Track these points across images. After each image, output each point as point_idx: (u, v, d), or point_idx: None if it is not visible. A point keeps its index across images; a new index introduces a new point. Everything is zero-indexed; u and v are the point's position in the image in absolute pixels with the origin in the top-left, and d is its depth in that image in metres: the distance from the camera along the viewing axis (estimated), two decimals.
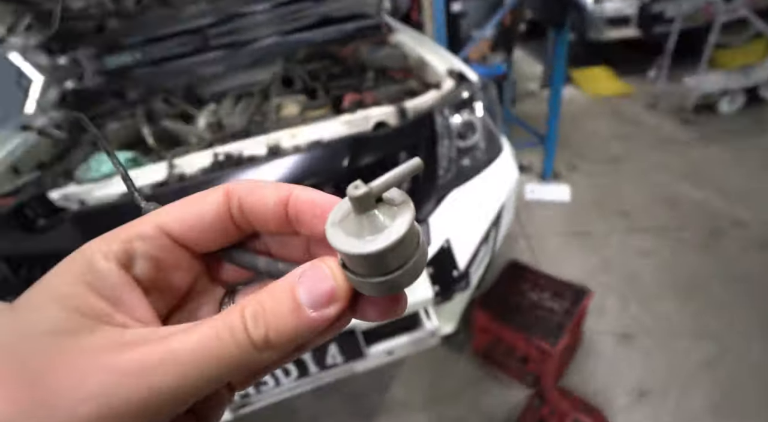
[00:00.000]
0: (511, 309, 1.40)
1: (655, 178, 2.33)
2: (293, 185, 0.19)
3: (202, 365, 0.14)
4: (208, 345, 0.14)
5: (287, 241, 0.21)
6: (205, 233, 0.19)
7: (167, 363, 0.14)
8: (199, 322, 0.15)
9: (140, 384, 0.13)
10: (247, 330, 0.15)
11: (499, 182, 1.13)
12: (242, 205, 0.19)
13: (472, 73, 1.26)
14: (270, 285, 0.16)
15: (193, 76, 1.67)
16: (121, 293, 0.16)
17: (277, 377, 0.87)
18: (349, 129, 1.03)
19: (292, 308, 0.15)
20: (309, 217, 0.18)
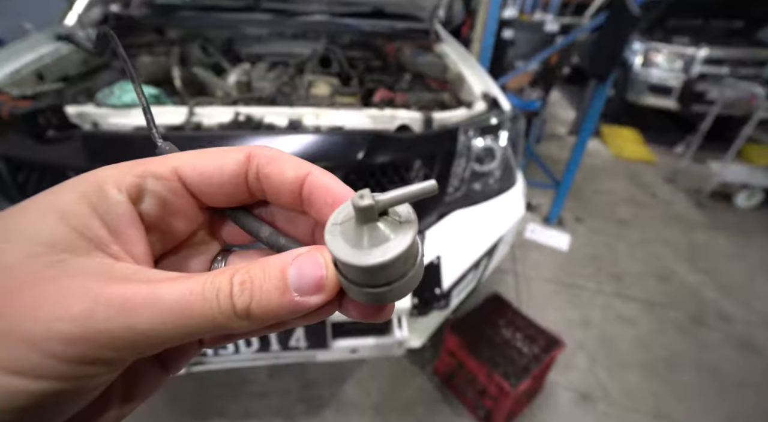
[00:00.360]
0: (481, 341, 1.39)
1: (655, 251, 2.32)
2: (314, 165, 0.19)
3: (182, 317, 0.14)
4: (192, 301, 0.14)
5: (294, 217, 0.21)
6: (218, 188, 0.19)
7: (150, 306, 0.14)
8: (187, 275, 0.15)
9: (120, 320, 0.13)
10: (232, 297, 0.15)
11: (504, 214, 1.13)
12: (260, 171, 0.19)
13: (506, 101, 1.26)
14: (264, 259, 0.16)
15: (236, 33, 1.67)
16: (124, 225, 0.17)
17: (237, 344, 0.86)
18: (373, 124, 1.03)
19: (280, 287, 0.16)
20: (321, 202, 0.18)
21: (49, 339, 0.13)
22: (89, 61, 1.42)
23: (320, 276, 0.16)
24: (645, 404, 1.49)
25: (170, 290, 0.14)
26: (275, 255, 0.17)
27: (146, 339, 0.14)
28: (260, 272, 0.16)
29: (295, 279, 0.16)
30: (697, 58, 3.28)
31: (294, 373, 1.50)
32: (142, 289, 0.14)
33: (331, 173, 0.19)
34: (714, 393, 1.54)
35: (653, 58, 3.42)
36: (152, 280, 0.15)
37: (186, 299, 0.14)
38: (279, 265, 0.16)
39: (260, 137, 0.90)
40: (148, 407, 1.36)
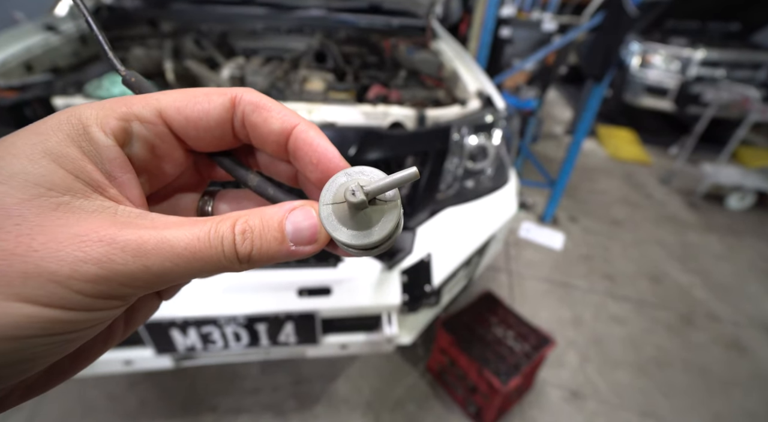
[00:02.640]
0: (473, 338, 1.39)
1: (648, 251, 2.34)
2: (300, 117, 0.19)
3: (191, 260, 0.16)
4: (200, 247, 0.16)
5: (279, 163, 0.22)
6: (204, 134, 0.19)
7: (162, 251, 0.15)
8: (190, 221, 0.17)
9: (137, 262, 0.15)
10: (235, 244, 0.17)
11: (495, 213, 1.13)
12: (246, 119, 0.19)
13: (500, 100, 1.26)
14: (261, 210, 0.18)
15: (231, 27, 1.65)
16: (117, 169, 0.17)
17: (226, 340, 0.86)
18: (366, 120, 1.02)
19: (278, 238, 0.18)
20: (305, 160, 0.19)
21: (76, 278, 0.14)
22: (80, 52, 1.40)
23: (314, 230, 0.18)
24: (634, 402, 1.51)
25: (179, 237, 0.16)
26: (270, 207, 0.18)
27: (159, 278, 0.16)
28: (259, 223, 0.17)
29: (291, 231, 0.18)
30: (694, 60, 3.29)
31: (286, 369, 1.50)
32: (152, 235, 0.15)
33: (316, 126, 0.19)
34: (701, 392, 1.56)
35: (650, 59, 3.43)
36: (158, 226, 0.16)
37: (194, 245, 0.16)
38: (277, 217, 0.18)
39: None
40: (141, 402, 1.36)
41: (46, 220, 0.14)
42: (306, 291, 0.85)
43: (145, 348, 0.87)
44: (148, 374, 1.42)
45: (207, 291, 0.82)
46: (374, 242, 0.17)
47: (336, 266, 0.85)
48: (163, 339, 0.83)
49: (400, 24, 1.77)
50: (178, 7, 1.68)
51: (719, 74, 3.27)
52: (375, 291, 0.87)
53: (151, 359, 0.88)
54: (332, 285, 0.86)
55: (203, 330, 0.83)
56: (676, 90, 3.40)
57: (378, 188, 0.17)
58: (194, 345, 0.86)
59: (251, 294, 0.83)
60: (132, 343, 0.88)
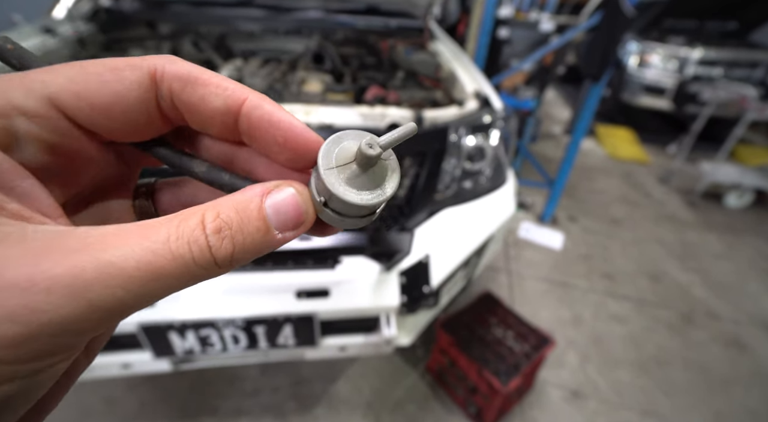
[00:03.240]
0: (473, 339, 1.39)
1: (647, 250, 2.34)
2: (246, 88, 0.16)
3: (149, 281, 0.12)
4: (159, 263, 0.12)
5: (223, 145, 0.18)
6: (120, 122, 0.15)
7: (108, 278, 0.11)
8: (134, 229, 0.13)
9: (74, 303, 0.11)
10: (211, 249, 0.13)
11: (493, 213, 1.13)
12: (176, 100, 0.15)
13: (498, 101, 1.26)
14: (231, 198, 0.15)
15: (229, 28, 1.65)
16: (10, 178, 0.13)
17: (225, 342, 0.85)
18: (363, 121, 1.02)
19: (261, 228, 0.15)
20: (266, 139, 0.16)
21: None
22: (78, 55, 1.40)
23: (300, 212, 0.16)
24: (634, 401, 1.51)
25: (126, 255, 0.12)
26: (238, 194, 0.15)
27: (111, 313, 0.12)
28: (235, 215, 0.14)
29: (275, 217, 0.15)
30: (691, 59, 3.30)
31: (286, 370, 1.50)
32: (88, 260, 0.11)
33: (268, 98, 0.16)
34: (702, 391, 1.56)
35: (648, 58, 3.43)
36: (92, 244, 0.12)
37: (150, 261, 0.12)
38: (253, 203, 0.15)
39: None
40: (140, 405, 1.36)
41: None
42: (304, 293, 0.85)
43: (143, 351, 0.87)
44: (147, 377, 1.42)
45: (205, 294, 0.81)
46: (387, 197, 0.17)
47: (334, 267, 0.85)
48: (161, 342, 0.83)
49: (398, 25, 1.77)
50: (176, 9, 1.68)
51: (717, 73, 3.28)
52: (373, 293, 0.87)
53: (149, 362, 0.87)
54: (331, 287, 0.86)
55: (201, 332, 0.83)
56: (674, 89, 3.41)
57: (390, 141, 0.16)
58: (192, 348, 0.86)
59: (249, 297, 0.83)
60: (130, 347, 0.88)
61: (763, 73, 3.28)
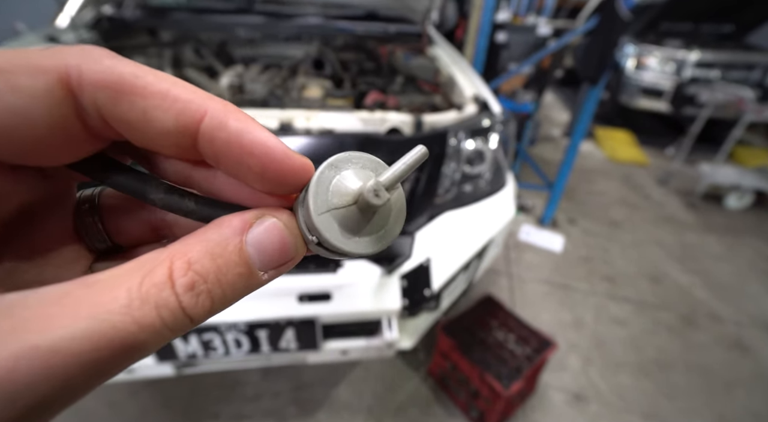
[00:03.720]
0: (474, 342, 1.39)
1: (648, 252, 2.34)
2: (206, 97, 0.12)
3: (112, 357, 0.10)
4: (119, 336, 0.10)
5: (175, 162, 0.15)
6: (29, 144, 0.11)
7: (58, 367, 0.09)
8: (84, 287, 0.10)
9: (18, 404, 0.09)
10: (185, 309, 0.11)
11: (494, 216, 1.13)
12: (106, 115, 0.12)
13: (496, 104, 1.27)
14: (202, 242, 0.12)
15: (229, 35, 1.67)
16: None
17: (227, 346, 0.86)
18: (364, 126, 1.03)
19: (243, 273, 0.12)
20: (239, 166, 0.13)
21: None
22: None
23: (286, 246, 0.13)
24: (637, 404, 1.50)
25: (74, 335, 0.09)
26: (209, 231, 0.13)
27: (70, 397, 0.10)
28: (211, 264, 0.12)
29: (258, 258, 0.13)
30: (689, 62, 3.32)
31: (287, 375, 1.50)
32: (21, 346, 0.09)
33: (237, 109, 0.13)
34: (704, 393, 1.56)
35: (645, 61, 3.46)
36: (28, 321, 0.09)
37: (109, 340, 0.10)
38: (231, 245, 0.12)
39: None
40: (141, 410, 1.35)
41: None
42: (306, 297, 0.85)
43: None
44: (149, 382, 1.41)
45: None
46: (394, 239, 0.14)
47: (336, 271, 0.86)
48: (164, 346, 0.83)
49: (397, 31, 1.79)
50: (177, 17, 1.70)
51: (714, 75, 3.30)
52: (375, 296, 0.88)
53: (153, 366, 0.88)
54: (332, 291, 0.86)
55: (204, 336, 0.84)
56: (671, 91, 3.43)
57: (397, 177, 0.13)
58: (195, 352, 0.86)
59: (252, 301, 0.83)
60: None
61: (760, 75, 3.30)
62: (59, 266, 0.15)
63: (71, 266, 0.16)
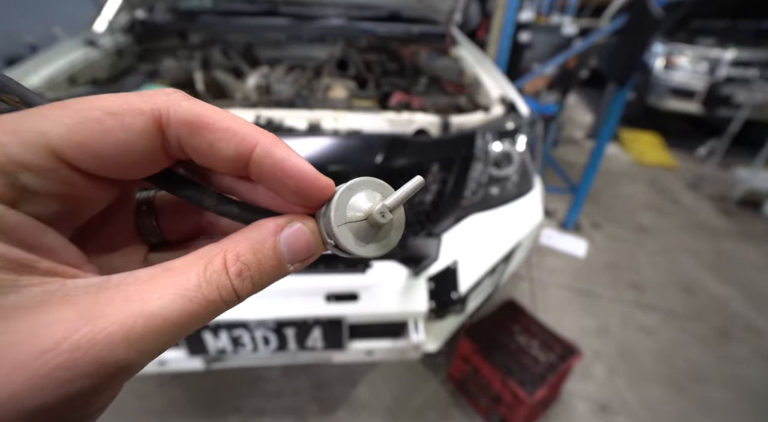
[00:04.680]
0: (496, 346, 1.37)
1: (679, 260, 2.24)
2: (257, 130, 0.16)
3: (189, 324, 0.14)
4: (195, 308, 0.14)
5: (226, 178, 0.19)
6: (128, 169, 0.15)
7: (156, 328, 0.13)
8: (167, 275, 0.14)
9: (130, 353, 0.12)
10: (236, 289, 0.15)
11: (521, 220, 1.11)
12: (184, 145, 0.15)
13: (524, 105, 1.25)
14: (247, 240, 0.16)
15: (255, 37, 1.71)
16: (32, 235, 0.13)
17: (256, 343, 0.87)
18: (391, 127, 1.03)
19: (276, 265, 0.16)
20: (278, 184, 0.17)
21: (65, 396, 0.11)
22: (116, 64, 1.48)
23: (311, 247, 0.17)
24: (668, 419, 1.44)
25: (169, 307, 0.13)
26: (253, 231, 0.16)
27: (156, 355, 0.13)
28: (254, 258, 0.16)
29: (288, 254, 0.17)
30: (724, 61, 3.17)
31: (307, 373, 1.51)
32: (136, 315, 0.12)
33: (279, 140, 0.16)
34: (744, 410, 1.47)
35: (675, 60, 3.32)
36: (132, 296, 0.13)
37: (189, 308, 0.14)
38: (269, 243, 0.16)
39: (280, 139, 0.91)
40: (168, 402, 1.39)
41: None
42: (334, 297, 0.86)
43: (178, 349, 0.89)
44: (176, 375, 1.45)
45: None
46: (393, 247, 0.19)
47: (364, 272, 0.86)
48: (195, 340, 0.85)
49: (420, 31, 1.79)
50: (206, 20, 1.75)
51: (752, 74, 3.14)
52: (402, 298, 0.87)
53: (184, 360, 0.90)
54: (359, 291, 0.87)
55: (234, 333, 0.85)
56: (704, 92, 3.27)
57: (398, 202, 0.18)
58: (225, 348, 0.88)
59: (281, 299, 0.84)
60: None
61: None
62: (124, 256, 0.19)
63: (133, 257, 0.20)
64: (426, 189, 0.99)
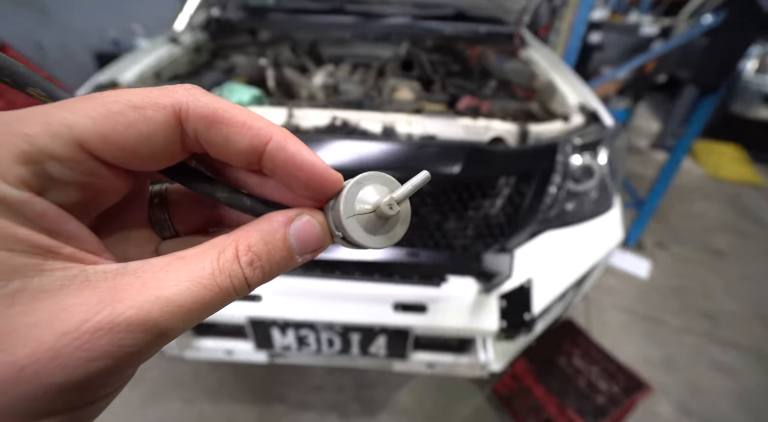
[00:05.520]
0: (551, 369, 1.29)
1: (761, 289, 1.99)
2: (271, 125, 0.16)
3: (202, 311, 0.14)
4: (208, 295, 0.14)
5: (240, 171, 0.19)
6: (147, 160, 0.16)
7: (171, 314, 0.13)
8: (181, 263, 0.15)
9: (147, 336, 0.13)
10: (246, 278, 0.16)
11: (598, 240, 1.03)
12: (201, 139, 0.16)
13: (607, 115, 1.15)
14: (257, 231, 0.17)
15: (321, 35, 1.72)
16: (55, 222, 0.13)
17: (320, 344, 0.88)
18: (466, 134, 0.99)
19: (286, 256, 0.17)
20: (289, 177, 0.17)
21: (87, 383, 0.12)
22: (194, 60, 1.56)
23: (319, 238, 0.18)
24: None
25: (183, 293, 0.14)
26: (264, 222, 0.17)
27: (171, 339, 0.14)
28: (264, 248, 0.16)
29: (298, 246, 0.17)
30: None
31: (351, 372, 1.52)
32: (153, 300, 0.13)
33: (291, 135, 0.17)
34: None
35: None
36: (149, 283, 0.14)
37: (203, 295, 0.14)
38: (279, 235, 0.17)
39: (353, 142, 0.90)
40: (220, 382, 1.47)
41: (9, 324, 0.11)
42: (401, 306, 0.84)
43: (246, 341, 0.93)
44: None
45: (308, 297, 0.84)
46: (399, 239, 0.19)
47: (440, 286, 0.83)
48: (264, 336, 0.88)
49: (487, 31, 1.71)
50: (274, 17, 1.79)
51: None
52: (471, 314, 0.84)
53: (250, 352, 0.93)
54: (428, 303, 0.84)
55: (301, 332, 0.87)
56: None
57: (405, 195, 0.18)
58: (290, 345, 0.89)
59: (350, 304, 0.84)
60: (235, 336, 0.95)
61: None
62: (137, 246, 0.20)
63: (146, 247, 0.20)
64: (501, 200, 0.94)
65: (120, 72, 1.21)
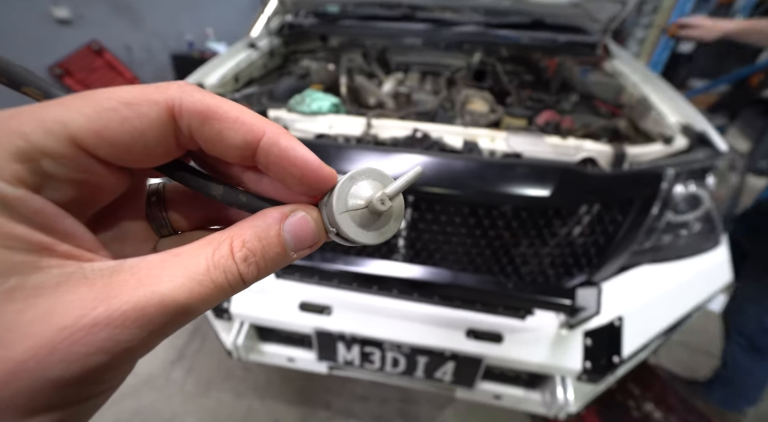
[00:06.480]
0: (618, 412, 1.17)
1: None
2: (263, 121, 0.16)
3: (198, 307, 0.14)
4: (203, 291, 0.14)
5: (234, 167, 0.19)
6: (141, 156, 0.16)
7: (166, 310, 0.13)
8: (176, 260, 0.15)
9: (143, 332, 0.13)
10: (241, 274, 0.16)
11: (701, 281, 0.91)
12: (195, 134, 0.16)
13: (719, 138, 1.02)
14: (252, 228, 0.17)
15: (392, 42, 1.72)
16: (51, 220, 0.14)
17: (384, 363, 0.86)
18: (555, 154, 0.92)
19: (280, 252, 0.17)
20: (283, 173, 0.17)
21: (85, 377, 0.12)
22: (267, 64, 1.62)
23: (314, 234, 0.18)
24: None
25: (178, 290, 0.14)
26: (258, 219, 0.17)
27: (166, 334, 0.14)
28: (259, 245, 0.16)
29: (292, 242, 0.17)
30: None
31: (398, 387, 1.50)
32: (148, 296, 0.13)
33: (284, 130, 0.17)
34: None
35: None
36: (145, 279, 0.14)
37: (197, 292, 0.14)
38: (273, 231, 0.17)
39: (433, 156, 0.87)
40: (267, 381, 1.51)
41: (6, 321, 0.11)
42: (474, 333, 0.80)
43: (309, 351, 0.93)
44: None
45: (379, 315, 0.83)
46: (393, 234, 0.19)
47: (524, 319, 0.78)
48: (328, 348, 0.88)
49: (567, 41, 1.60)
50: (346, 24, 1.82)
51: None
52: (552, 349, 0.78)
53: (312, 362, 0.94)
54: (504, 333, 0.79)
55: (366, 349, 0.85)
56: None
57: (397, 190, 0.18)
58: (353, 360, 0.88)
59: (420, 325, 0.81)
60: (300, 344, 0.96)
61: None
62: (135, 244, 0.20)
63: (143, 245, 0.20)
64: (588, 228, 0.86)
65: (205, 75, 1.29)
